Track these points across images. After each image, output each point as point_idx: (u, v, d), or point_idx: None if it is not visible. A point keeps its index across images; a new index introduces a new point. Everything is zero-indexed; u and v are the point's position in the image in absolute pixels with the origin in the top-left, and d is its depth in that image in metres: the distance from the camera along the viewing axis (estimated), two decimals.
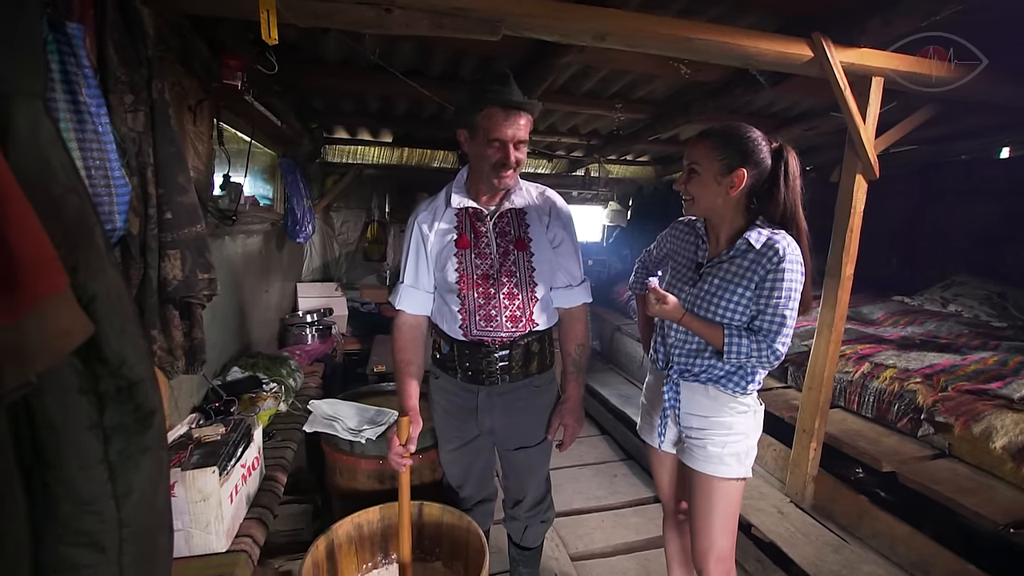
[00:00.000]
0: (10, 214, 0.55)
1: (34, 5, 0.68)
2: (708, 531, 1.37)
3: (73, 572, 0.72)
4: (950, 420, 1.90)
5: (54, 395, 0.68)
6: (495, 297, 1.40)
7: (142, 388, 0.77)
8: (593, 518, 2.49)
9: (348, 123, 3.59)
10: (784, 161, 1.25)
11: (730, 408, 1.33)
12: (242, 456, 1.44)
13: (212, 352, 1.97)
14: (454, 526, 1.56)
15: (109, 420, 0.74)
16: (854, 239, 1.99)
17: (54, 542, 0.71)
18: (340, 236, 4.40)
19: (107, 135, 0.93)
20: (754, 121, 3.14)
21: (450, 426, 1.57)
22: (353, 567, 1.54)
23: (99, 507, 0.73)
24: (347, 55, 2.26)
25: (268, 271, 2.95)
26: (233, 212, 1.97)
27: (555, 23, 1.51)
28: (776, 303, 1.22)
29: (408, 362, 1.45)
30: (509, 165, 1.29)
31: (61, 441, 0.70)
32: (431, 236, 1.43)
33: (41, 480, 0.70)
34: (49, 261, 0.58)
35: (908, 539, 1.78)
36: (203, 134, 1.77)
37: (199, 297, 1.22)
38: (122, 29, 1.05)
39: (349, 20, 1.37)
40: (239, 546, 1.34)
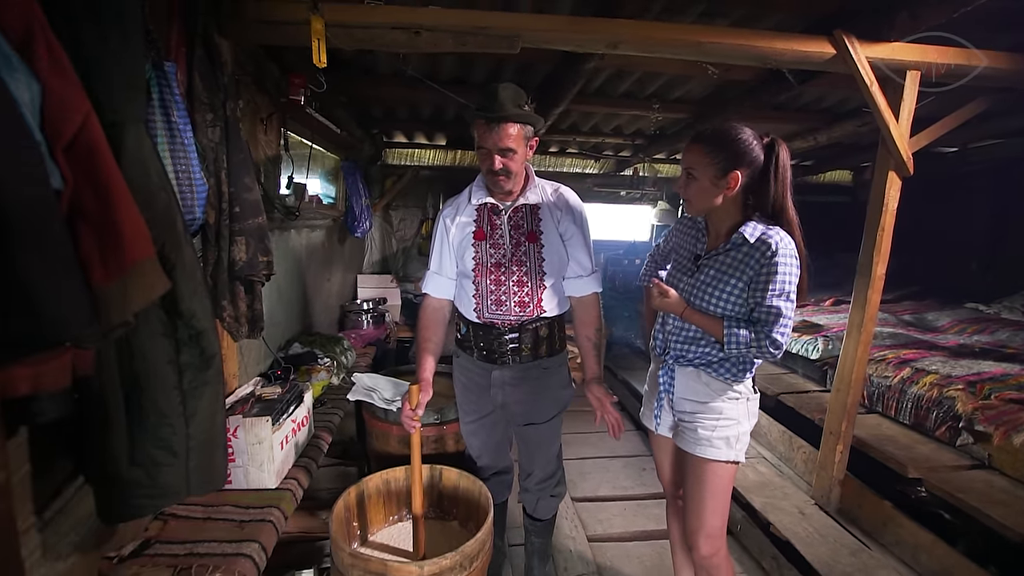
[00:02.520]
0: (119, 205, 0.80)
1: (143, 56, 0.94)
2: (699, 511, 1.44)
3: (155, 467, 0.98)
4: (989, 429, 1.82)
5: (146, 336, 0.94)
6: (505, 284, 1.57)
7: (207, 336, 1.02)
8: (616, 506, 2.58)
9: (405, 128, 3.91)
10: (776, 155, 1.31)
11: (722, 394, 1.40)
12: (293, 413, 1.71)
13: (276, 329, 2.31)
14: (469, 490, 1.75)
15: (182, 358, 1.00)
16: (886, 238, 1.94)
17: (143, 444, 0.97)
18: (398, 233, 4.76)
19: (191, 146, 1.21)
20: (803, 117, 3.12)
21: (468, 401, 1.76)
22: (380, 517, 1.77)
23: (174, 422, 0.98)
24: (396, 68, 2.52)
25: (330, 262, 3.31)
26: (297, 208, 2.29)
27: (569, 35, 1.65)
28: (771, 295, 1.27)
29: (427, 339, 1.65)
30: (495, 171, 1.44)
31: (150, 370, 0.96)
32: (453, 228, 1.62)
33: (137, 399, 0.97)
34: (143, 237, 0.83)
35: (930, 548, 1.73)
36: (272, 142, 2.08)
37: (259, 276, 1.50)
38: (206, 61, 1.33)
39: (385, 42, 1.60)
40: (286, 485, 1.61)
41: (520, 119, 1.40)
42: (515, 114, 1.38)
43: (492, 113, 1.37)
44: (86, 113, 0.76)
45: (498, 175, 1.44)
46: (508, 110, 1.37)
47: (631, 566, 2.11)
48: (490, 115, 1.38)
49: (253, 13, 1.48)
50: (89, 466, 1.01)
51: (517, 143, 1.41)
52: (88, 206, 0.77)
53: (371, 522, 1.74)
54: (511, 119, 1.39)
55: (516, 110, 1.38)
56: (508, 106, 1.38)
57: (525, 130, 1.43)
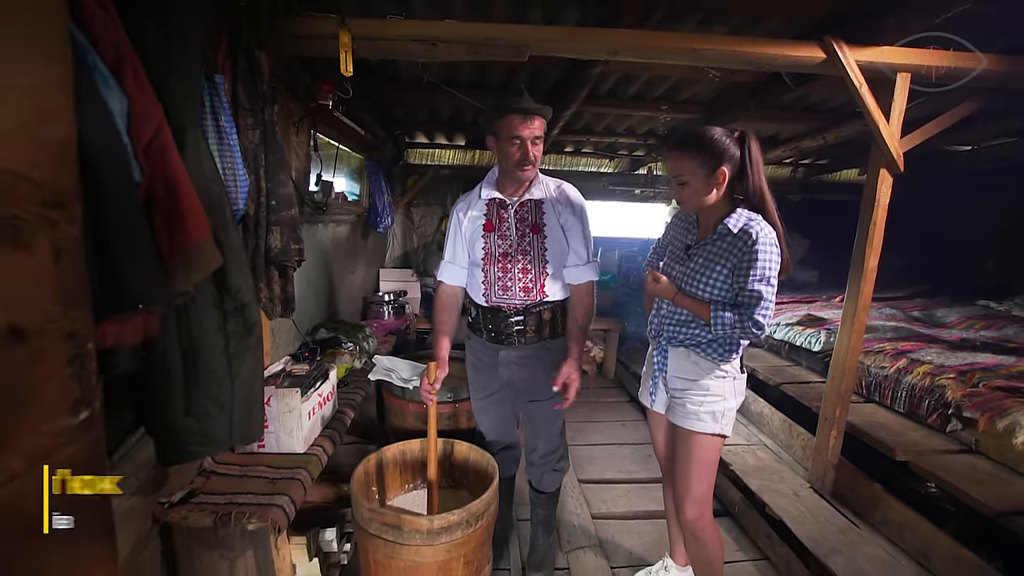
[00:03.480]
0: (183, 194, 0.98)
1: (198, 71, 1.12)
2: (687, 478, 1.57)
3: (205, 418, 1.16)
4: (976, 415, 1.89)
5: (200, 306, 1.13)
6: (511, 271, 1.72)
7: (249, 308, 1.20)
8: (621, 488, 2.71)
9: (425, 129, 4.10)
10: (747, 147, 1.42)
11: (710, 372, 1.52)
12: (319, 388, 1.90)
13: (305, 315, 2.51)
14: (478, 462, 1.90)
15: (229, 327, 1.18)
16: (878, 232, 2.02)
17: (196, 398, 1.15)
18: (419, 229, 4.97)
19: (236, 147, 1.39)
20: (811, 116, 3.18)
21: (478, 379, 1.91)
22: (397, 484, 1.94)
23: (221, 379, 1.17)
24: (416, 74, 2.70)
25: (354, 255, 3.52)
26: (324, 204, 2.49)
27: (572, 44, 1.79)
28: (752, 280, 1.39)
29: (443, 322, 1.82)
30: (529, 160, 1.61)
31: (203, 336, 1.14)
32: (465, 221, 1.78)
33: (192, 360, 1.15)
34: (202, 220, 1.01)
35: (914, 525, 1.82)
36: (303, 143, 2.28)
37: (291, 261, 1.68)
38: (247, 72, 1.52)
39: (406, 52, 1.77)
40: (313, 451, 1.79)
41: (544, 114, 1.60)
42: (543, 109, 1.59)
43: (526, 107, 1.56)
44: (160, 120, 0.94)
45: (526, 163, 1.61)
46: (535, 105, 1.58)
47: (631, 540, 2.24)
48: (527, 108, 1.56)
49: (288, 29, 1.67)
50: (151, 418, 1.20)
51: (542, 133, 1.62)
52: (160, 195, 0.95)
53: (388, 488, 1.92)
54: (540, 113, 1.59)
55: (540, 107, 1.58)
56: (535, 103, 1.57)
57: (544, 124, 1.62)
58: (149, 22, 0.99)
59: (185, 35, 1.09)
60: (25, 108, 0.66)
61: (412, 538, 1.47)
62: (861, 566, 1.76)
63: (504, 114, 1.59)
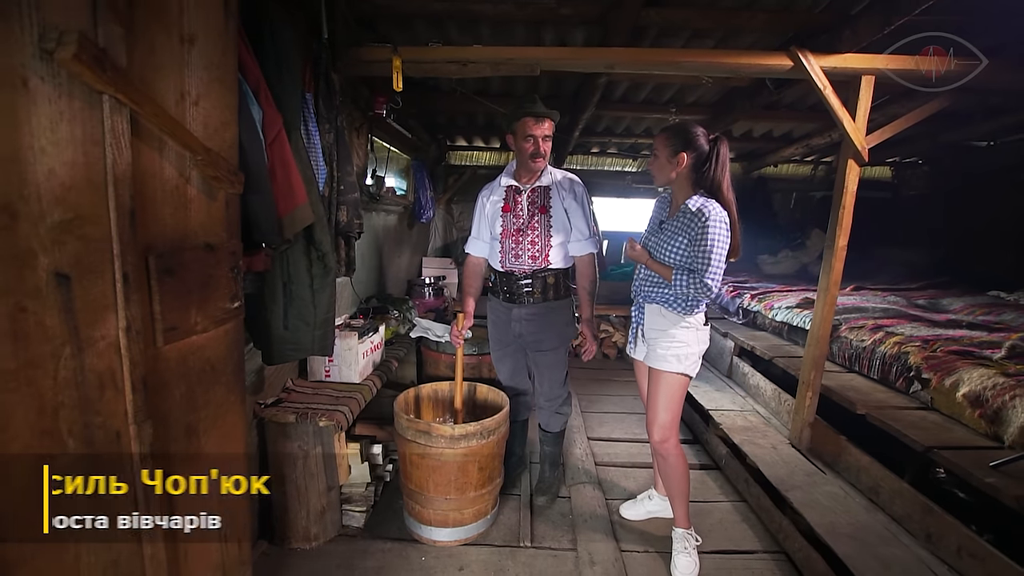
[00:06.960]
0: (292, 173, 1.49)
1: (299, 90, 1.64)
2: (655, 407, 1.94)
3: (297, 331, 1.67)
4: (930, 375, 2.14)
5: (296, 251, 1.64)
6: (522, 243, 2.16)
7: (328, 257, 1.70)
8: (624, 444, 3.06)
9: (464, 133, 4.62)
10: (717, 148, 1.79)
11: (676, 324, 1.89)
12: (371, 336, 2.41)
13: (360, 286, 3.04)
14: (495, 400, 2.35)
15: (314, 269, 1.69)
16: (847, 215, 2.31)
17: (291, 316, 1.66)
18: (458, 223, 5.50)
19: (318, 145, 1.91)
20: (816, 116, 3.44)
21: (496, 333, 2.36)
22: (430, 415, 2.42)
23: (308, 303, 1.67)
24: (453, 86, 3.20)
25: (401, 242, 4.07)
26: (378, 195, 3.02)
27: (574, 61, 2.22)
28: (704, 250, 1.75)
29: (470, 285, 2.29)
30: (540, 153, 2.04)
31: (297, 272, 1.65)
32: (488, 204, 2.24)
33: (289, 289, 1.66)
34: (302, 191, 1.51)
35: (868, 467, 2.10)
36: (362, 145, 2.82)
37: (354, 233, 2.20)
38: (325, 90, 2.04)
39: (443, 72, 2.26)
40: (366, 383, 2.29)
41: (552, 117, 2.02)
42: (552, 113, 2.02)
43: (538, 111, 1.99)
44: (280, 125, 1.45)
45: (538, 156, 2.04)
46: (545, 109, 2.00)
47: (627, 482, 2.61)
48: (538, 112, 2.00)
49: (354, 56, 2.19)
50: (258, 334, 1.73)
51: (551, 132, 2.04)
52: (277, 173, 1.46)
53: (422, 417, 2.39)
54: (549, 116, 2.02)
55: (549, 111, 2.01)
56: (544, 108, 2.00)
57: (553, 125, 2.04)
58: (271, 61, 1.51)
59: (292, 69, 1.61)
60: (215, 118, 1.17)
61: (438, 442, 1.93)
62: (815, 498, 2.06)
63: (520, 116, 2.03)
